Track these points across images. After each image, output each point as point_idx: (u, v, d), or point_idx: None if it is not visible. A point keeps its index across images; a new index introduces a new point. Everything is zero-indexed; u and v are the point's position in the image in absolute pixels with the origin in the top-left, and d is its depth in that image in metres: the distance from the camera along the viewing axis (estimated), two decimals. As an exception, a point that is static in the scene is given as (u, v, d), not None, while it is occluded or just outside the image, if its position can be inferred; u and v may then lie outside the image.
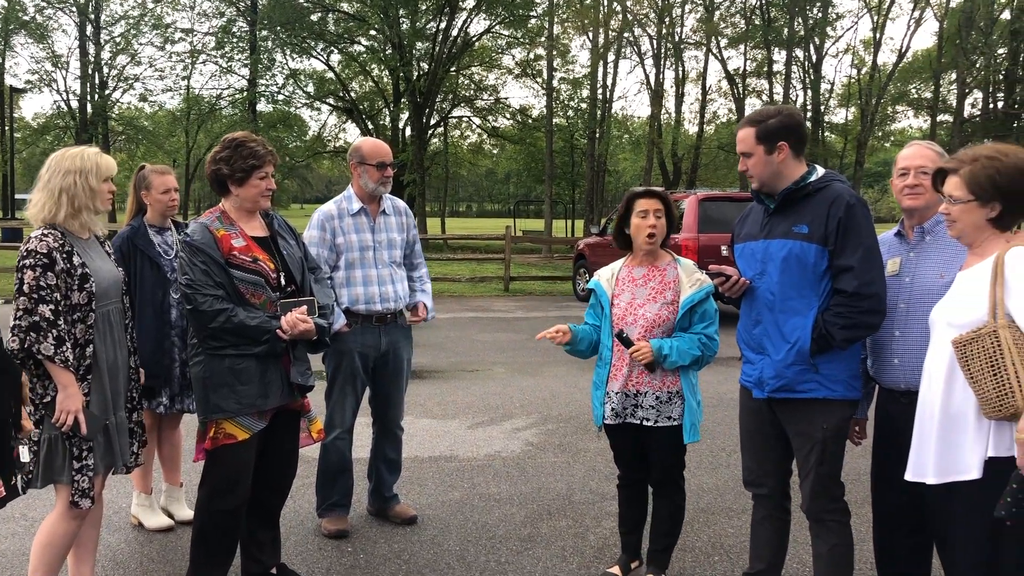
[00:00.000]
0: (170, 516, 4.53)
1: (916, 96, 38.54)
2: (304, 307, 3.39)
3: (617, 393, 3.60)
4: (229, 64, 34.40)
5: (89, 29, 34.19)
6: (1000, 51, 32.73)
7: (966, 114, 33.75)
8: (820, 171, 3.18)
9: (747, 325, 3.32)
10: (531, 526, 4.60)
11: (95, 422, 3.15)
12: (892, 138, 43.98)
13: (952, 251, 3.04)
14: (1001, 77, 33.36)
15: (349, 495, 4.53)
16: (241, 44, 33.67)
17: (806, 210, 3.11)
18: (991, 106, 33.92)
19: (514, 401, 7.62)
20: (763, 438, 3.32)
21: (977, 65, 31.95)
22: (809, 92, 34.18)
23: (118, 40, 34.63)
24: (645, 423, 3.59)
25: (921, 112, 39.00)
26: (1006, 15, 32.55)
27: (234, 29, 33.79)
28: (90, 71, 34.48)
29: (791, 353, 3.11)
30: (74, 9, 33.80)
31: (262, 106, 35.37)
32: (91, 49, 34.44)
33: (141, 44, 34.43)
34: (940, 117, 35.65)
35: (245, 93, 34.63)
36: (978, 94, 34.68)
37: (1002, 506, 2.49)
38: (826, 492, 3.16)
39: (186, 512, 4.47)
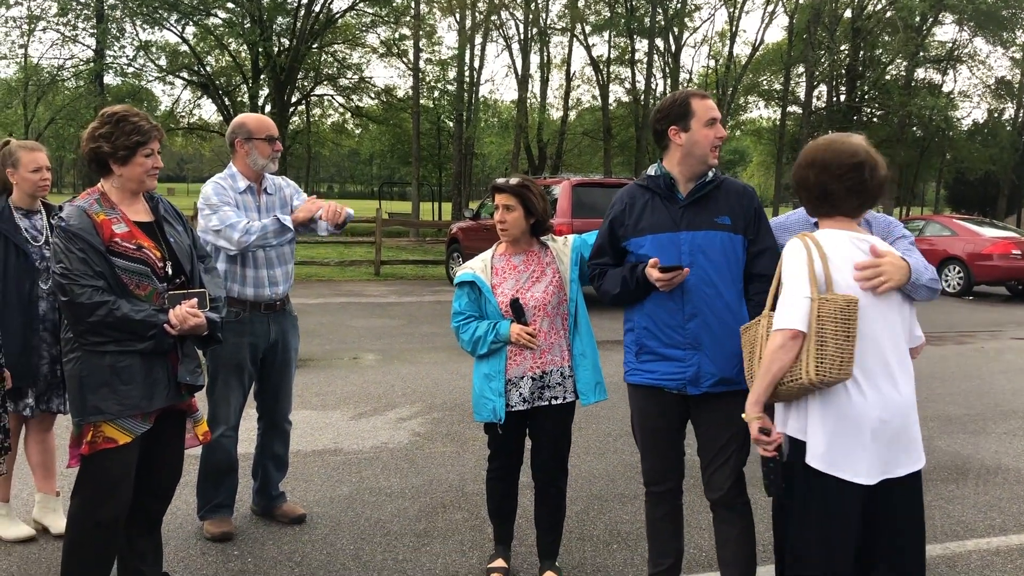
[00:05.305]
0: (45, 529, 4.14)
1: (767, 87, 40.41)
2: (195, 300, 3.13)
3: (523, 378, 3.56)
4: (73, 33, 32.09)
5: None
6: (843, 47, 34.69)
7: (813, 106, 35.62)
8: None
9: (673, 321, 3.13)
10: (426, 520, 4.49)
11: None
12: (743, 127, 45.94)
13: None
14: (843, 72, 35.39)
15: (233, 495, 4.28)
16: (87, 12, 31.43)
17: (720, 202, 3.15)
18: (835, 99, 35.95)
19: (396, 390, 7.45)
20: (670, 436, 3.26)
21: (822, 60, 33.75)
22: (669, 81, 35.17)
23: (-57, 2, 31.76)
24: (554, 402, 3.60)
25: (772, 103, 40.92)
26: (848, 13, 34.53)
27: (79, -6, 31.54)
28: (-89, 34, 31.53)
29: (738, 345, 2.97)
30: None
31: (110, 79, 33.25)
32: (-89, 10, 31.44)
33: (-31, 8, 31.65)
34: (789, 108, 37.53)
35: (92, 64, 32.40)
36: (824, 87, 36.67)
37: (765, 486, 2.71)
38: (741, 478, 3.21)
39: (63, 524, 4.08)
